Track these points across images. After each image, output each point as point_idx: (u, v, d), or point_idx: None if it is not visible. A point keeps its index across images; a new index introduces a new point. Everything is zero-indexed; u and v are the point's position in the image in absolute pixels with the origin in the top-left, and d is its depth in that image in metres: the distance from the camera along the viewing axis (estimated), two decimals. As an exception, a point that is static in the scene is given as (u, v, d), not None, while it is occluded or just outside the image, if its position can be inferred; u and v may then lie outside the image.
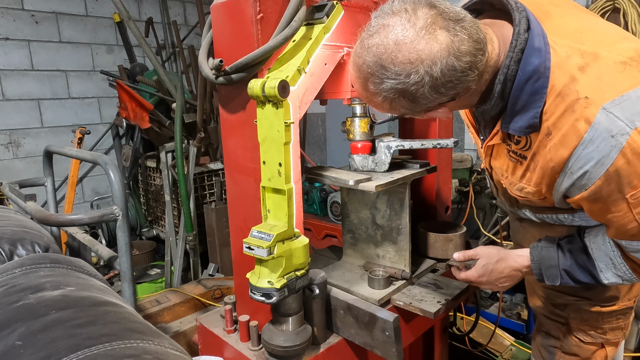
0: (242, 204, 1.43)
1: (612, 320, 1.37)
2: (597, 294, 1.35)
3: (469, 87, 1.01)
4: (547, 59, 1.00)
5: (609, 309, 1.35)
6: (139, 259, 4.03)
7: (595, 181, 0.99)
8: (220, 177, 3.81)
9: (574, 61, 0.99)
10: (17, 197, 1.92)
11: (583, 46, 1.01)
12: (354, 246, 1.79)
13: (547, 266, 1.23)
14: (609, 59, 0.98)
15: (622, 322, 1.38)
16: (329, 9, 1.27)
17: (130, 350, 0.61)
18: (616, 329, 1.38)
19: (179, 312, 2.57)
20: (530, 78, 1.01)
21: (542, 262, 1.23)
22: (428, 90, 0.97)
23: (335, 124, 4.31)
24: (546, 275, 1.23)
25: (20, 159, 4.23)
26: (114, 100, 4.62)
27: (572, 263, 1.20)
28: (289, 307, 1.27)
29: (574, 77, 0.98)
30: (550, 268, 1.22)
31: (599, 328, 1.37)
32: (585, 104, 0.96)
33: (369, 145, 1.65)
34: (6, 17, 4.03)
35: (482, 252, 1.34)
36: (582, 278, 1.20)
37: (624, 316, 1.37)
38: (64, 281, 0.81)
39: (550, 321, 1.45)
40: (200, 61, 1.34)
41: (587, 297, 1.36)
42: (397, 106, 1.05)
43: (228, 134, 1.43)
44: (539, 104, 1.03)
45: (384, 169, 1.61)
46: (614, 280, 1.17)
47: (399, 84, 0.97)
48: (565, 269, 1.21)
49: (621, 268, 1.15)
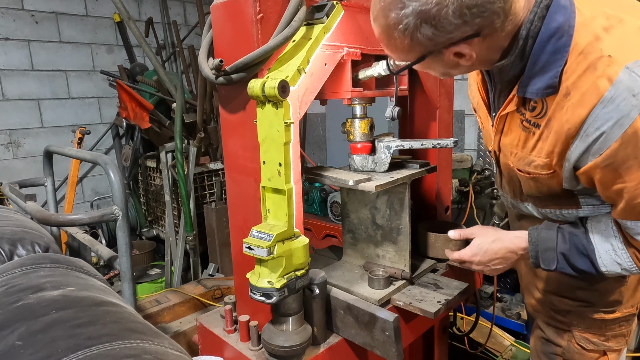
0: (242, 204, 1.43)
1: (615, 328, 1.35)
2: (600, 297, 1.33)
3: (494, 24, 0.98)
4: (572, 17, 0.99)
5: (612, 316, 1.33)
6: (139, 259, 4.03)
7: (612, 144, 0.96)
8: (220, 177, 3.81)
9: (599, 22, 0.98)
10: (17, 197, 1.92)
11: (608, 9, 1.00)
12: (354, 246, 1.79)
13: (544, 248, 1.19)
14: (633, 24, 0.97)
15: (624, 329, 1.36)
16: (329, 9, 1.27)
17: (130, 350, 0.61)
18: (619, 336, 1.36)
19: (179, 312, 2.57)
20: (554, 35, 1.00)
21: (540, 244, 1.20)
22: (452, 12, 0.94)
23: (335, 124, 4.32)
24: (542, 259, 1.19)
25: (20, 159, 4.23)
26: (114, 100, 4.62)
27: (571, 247, 1.16)
28: (289, 307, 1.27)
29: (598, 36, 0.97)
30: (547, 251, 1.19)
31: (602, 335, 1.35)
32: (608, 62, 0.94)
33: (368, 146, 1.65)
34: (6, 17, 4.03)
35: (479, 232, 1.33)
36: (579, 264, 1.16)
37: (627, 323, 1.36)
38: (64, 281, 0.81)
39: (551, 328, 1.43)
40: (200, 61, 1.34)
41: (590, 302, 1.33)
42: (419, 40, 1.00)
43: (228, 134, 1.43)
44: (560, 63, 1.00)
45: (384, 169, 1.61)
46: (612, 268, 1.14)
47: (422, 5, 0.94)
48: (562, 252, 1.17)
49: (621, 255, 1.12)
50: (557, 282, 1.37)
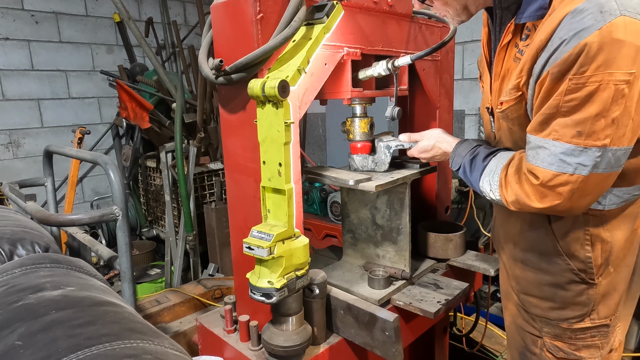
0: (242, 204, 1.43)
1: (586, 338, 1.30)
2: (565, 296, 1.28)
3: None
4: None
5: (581, 325, 1.28)
6: (139, 259, 4.03)
7: (566, 54, 0.99)
8: (220, 177, 3.81)
9: None
10: (17, 197, 1.92)
11: None
12: (354, 246, 1.79)
13: (457, 154, 1.39)
14: None
15: (598, 340, 1.30)
16: (329, 9, 1.27)
17: (130, 350, 0.61)
18: (592, 347, 1.30)
19: (179, 312, 2.58)
20: None
21: (457, 151, 1.41)
22: None
23: (335, 124, 4.32)
24: (453, 161, 1.41)
25: (20, 159, 4.23)
26: (114, 100, 4.62)
27: (473, 158, 1.33)
28: (289, 307, 1.27)
29: None
30: (458, 156, 1.39)
31: (572, 344, 1.31)
32: None
33: (368, 145, 1.64)
34: (6, 17, 4.04)
35: (425, 135, 1.55)
36: (468, 172, 1.34)
37: (600, 335, 1.29)
38: (64, 281, 0.81)
39: (527, 334, 1.40)
40: (200, 61, 1.34)
41: (556, 301, 1.30)
42: None
43: (228, 134, 1.43)
44: None
45: (384, 169, 1.61)
46: (485, 186, 1.28)
47: None
48: (464, 162, 1.35)
49: (494, 178, 1.24)
50: (526, 279, 1.36)
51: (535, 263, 1.31)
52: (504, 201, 1.22)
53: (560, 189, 1.09)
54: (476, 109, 3.75)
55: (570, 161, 1.06)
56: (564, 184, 1.08)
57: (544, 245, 1.28)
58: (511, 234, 1.38)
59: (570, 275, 1.26)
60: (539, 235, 1.29)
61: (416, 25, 1.73)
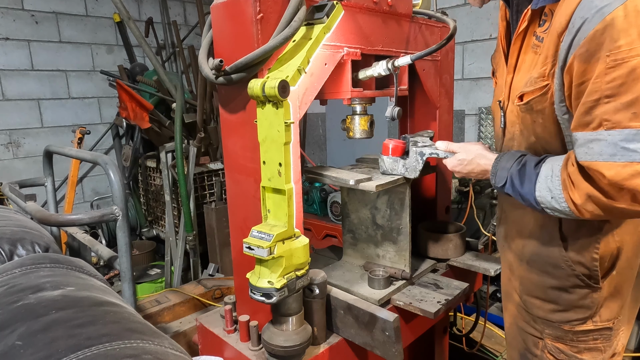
0: (242, 204, 1.43)
1: (587, 341, 1.29)
2: (570, 299, 1.28)
3: None
4: None
5: (583, 328, 1.28)
6: (139, 259, 4.03)
7: (590, 32, 0.97)
8: (220, 177, 3.81)
9: None
10: (17, 197, 1.92)
11: None
12: (354, 246, 1.79)
13: (501, 167, 1.25)
14: None
15: (600, 343, 1.29)
16: (329, 9, 1.27)
17: (130, 350, 0.61)
18: (593, 349, 1.30)
19: (179, 312, 2.58)
20: None
21: (500, 164, 1.26)
22: None
23: (335, 124, 4.31)
24: (497, 177, 1.25)
25: (20, 159, 4.23)
26: (114, 100, 4.62)
27: (521, 169, 1.19)
28: (289, 307, 1.27)
29: None
30: (502, 170, 1.24)
31: (574, 347, 1.30)
32: None
33: (401, 147, 1.56)
34: (6, 17, 4.03)
35: (463, 148, 1.40)
36: (522, 187, 1.18)
37: (602, 338, 1.29)
38: (64, 281, 0.81)
39: (528, 335, 1.40)
40: (200, 61, 1.34)
41: (560, 304, 1.29)
42: None
43: (228, 134, 1.43)
44: None
45: (415, 176, 1.54)
46: (544, 194, 1.13)
47: None
48: (512, 174, 1.21)
49: (555, 181, 1.11)
50: (530, 281, 1.35)
51: (541, 265, 1.31)
52: (572, 207, 1.09)
53: (634, 182, 0.96)
54: (476, 109, 3.74)
55: (635, 147, 0.95)
56: (637, 174, 0.96)
57: (550, 249, 1.28)
58: (523, 233, 1.36)
59: (575, 280, 1.25)
60: (547, 239, 1.28)
61: (416, 25, 1.73)
